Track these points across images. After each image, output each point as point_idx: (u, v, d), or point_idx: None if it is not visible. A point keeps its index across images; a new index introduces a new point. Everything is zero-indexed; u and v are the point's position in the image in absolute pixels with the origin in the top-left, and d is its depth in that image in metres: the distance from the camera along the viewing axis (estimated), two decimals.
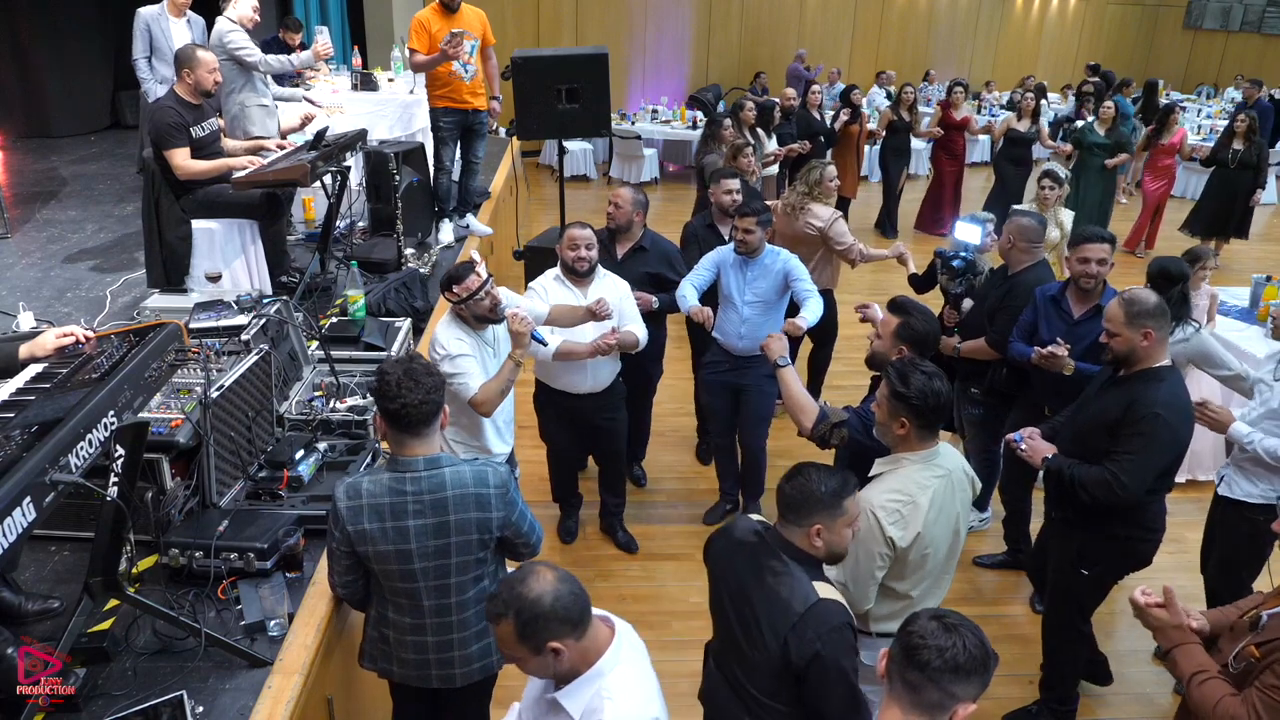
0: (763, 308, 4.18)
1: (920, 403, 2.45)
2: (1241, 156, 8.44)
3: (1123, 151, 8.61)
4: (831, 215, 5.09)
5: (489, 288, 3.23)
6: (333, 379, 3.41)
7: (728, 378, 4.34)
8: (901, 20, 15.54)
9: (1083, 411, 3.16)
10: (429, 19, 5.33)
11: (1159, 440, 2.86)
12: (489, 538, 2.38)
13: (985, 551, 4.51)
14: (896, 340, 3.00)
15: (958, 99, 9.30)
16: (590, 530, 4.60)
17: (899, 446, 2.55)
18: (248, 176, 4.22)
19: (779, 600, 2.13)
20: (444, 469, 2.31)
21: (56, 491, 1.74)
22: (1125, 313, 2.90)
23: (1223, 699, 2.00)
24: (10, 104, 8.05)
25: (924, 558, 2.50)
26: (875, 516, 2.43)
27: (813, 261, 5.12)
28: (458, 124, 5.57)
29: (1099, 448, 2.96)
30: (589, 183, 12.02)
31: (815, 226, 5.05)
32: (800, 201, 5.14)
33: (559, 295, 3.89)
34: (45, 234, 5.64)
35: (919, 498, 2.45)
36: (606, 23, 13.47)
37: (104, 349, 2.23)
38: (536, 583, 1.76)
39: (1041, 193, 5.58)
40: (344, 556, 2.36)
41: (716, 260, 4.25)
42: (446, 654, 2.44)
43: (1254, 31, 16.91)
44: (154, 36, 5.69)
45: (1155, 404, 2.85)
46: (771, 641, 2.13)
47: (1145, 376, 2.93)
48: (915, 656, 1.64)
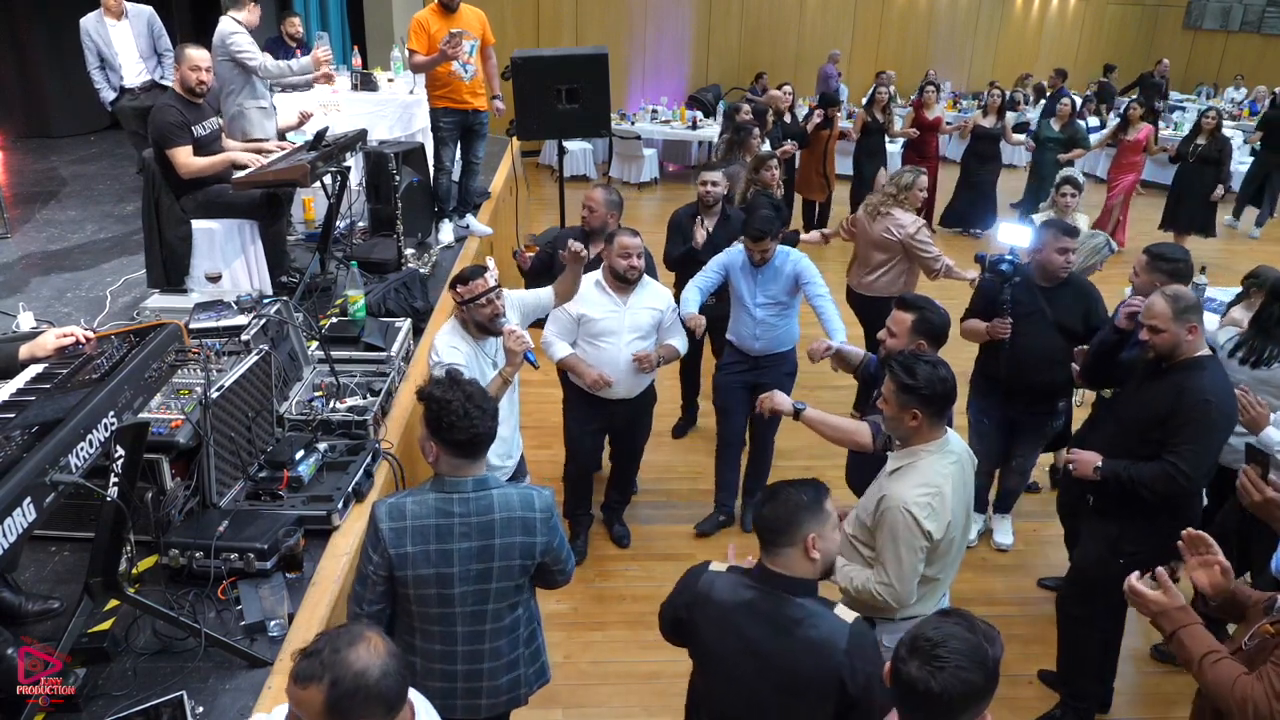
0: (776, 309, 4.21)
1: (930, 391, 2.49)
2: (1202, 151, 8.56)
3: (1077, 147, 8.86)
4: (915, 223, 5.07)
5: (494, 296, 3.20)
6: (333, 379, 3.41)
7: (746, 377, 4.35)
8: (901, 20, 15.53)
9: (1126, 406, 3.18)
10: (428, 19, 5.33)
11: (1215, 427, 2.91)
12: (530, 564, 2.33)
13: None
14: (914, 335, 3.07)
15: (929, 99, 9.26)
16: (591, 530, 4.58)
17: (913, 439, 2.58)
18: (248, 176, 4.23)
19: (817, 644, 2.02)
20: (492, 491, 2.27)
21: (56, 492, 1.74)
22: (1173, 309, 2.92)
23: (1239, 678, 1.99)
24: (10, 104, 8.05)
25: (950, 542, 2.57)
26: (911, 513, 2.45)
27: (888, 267, 5.18)
28: (457, 124, 5.57)
29: (1150, 440, 2.99)
30: (589, 183, 12.02)
31: (896, 233, 5.04)
32: (885, 205, 5.11)
33: (598, 301, 3.88)
34: (45, 234, 5.64)
35: (944, 487, 2.51)
36: (606, 23, 13.47)
37: (104, 349, 2.23)
38: (365, 652, 1.47)
39: (1062, 199, 5.55)
40: (380, 582, 2.25)
41: (725, 263, 4.26)
42: (475, 683, 2.38)
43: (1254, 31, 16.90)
44: (97, 44, 5.63)
45: (1205, 391, 2.89)
46: (818, 689, 2.03)
47: (1188, 366, 2.96)
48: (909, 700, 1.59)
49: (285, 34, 8.07)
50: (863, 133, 9.19)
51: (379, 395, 3.40)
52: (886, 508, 2.49)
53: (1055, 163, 8.73)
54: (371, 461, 3.08)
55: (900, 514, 2.45)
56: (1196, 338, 2.96)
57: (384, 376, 3.56)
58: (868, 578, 2.55)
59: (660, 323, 4.01)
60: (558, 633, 3.77)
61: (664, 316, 4.01)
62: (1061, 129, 8.95)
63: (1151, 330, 2.98)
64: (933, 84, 9.46)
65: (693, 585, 2.19)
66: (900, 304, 3.16)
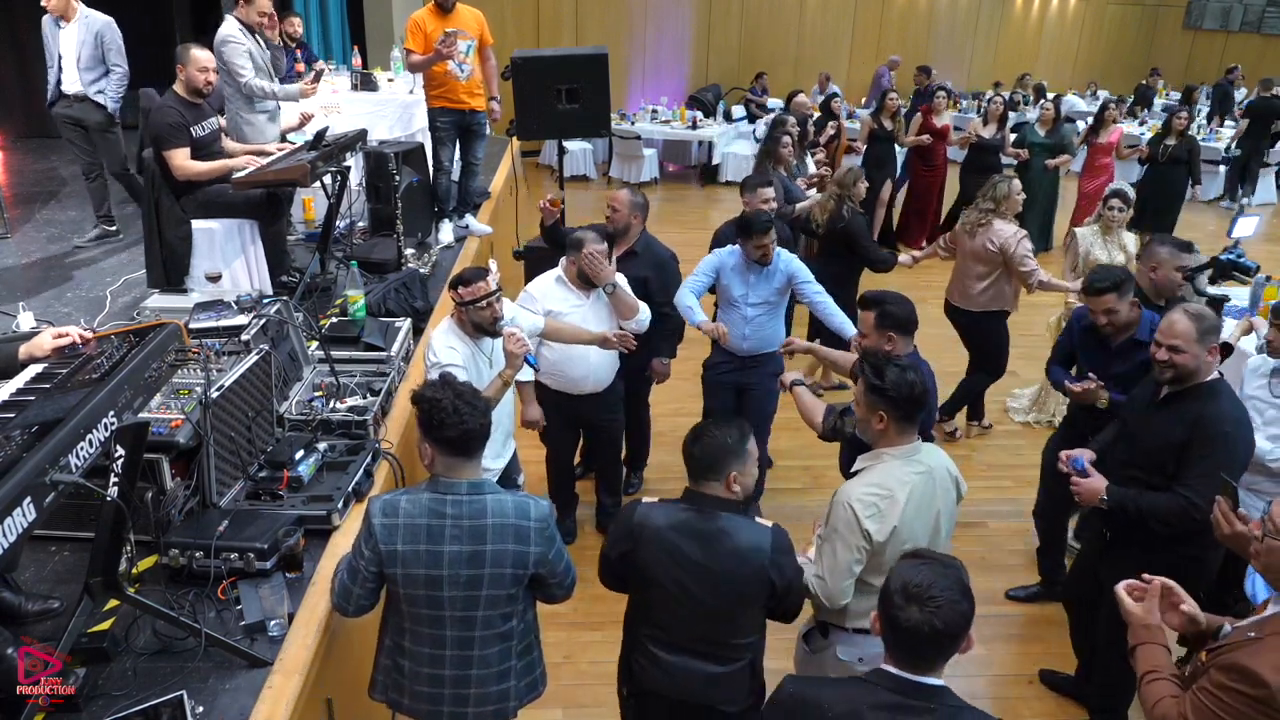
0: (767, 309, 4.21)
1: (896, 394, 2.49)
2: (1172, 152, 8.57)
3: (1063, 152, 8.82)
4: (1016, 234, 4.99)
5: (494, 300, 3.19)
6: (333, 379, 3.41)
7: (733, 378, 4.35)
8: (901, 20, 15.54)
9: (1138, 434, 3.01)
10: (424, 19, 5.34)
11: (1234, 458, 2.75)
12: (523, 573, 2.32)
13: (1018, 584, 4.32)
14: (881, 330, 3.10)
15: (940, 105, 8.90)
16: (588, 530, 4.62)
17: (879, 442, 2.59)
18: (248, 176, 4.22)
19: (744, 549, 2.36)
20: (486, 495, 2.27)
21: (56, 492, 1.73)
22: (1197, 329, 2.76)
23: (1161, 699, 2.01)
24: (10, 104, 8.06)
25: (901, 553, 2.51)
26: (852, 509, 2.46)
27: (989, 280, 5.12)
28: (455, 124, 5.57)
29: (1164, 469, 2.85)
30: (589, 183, 12.02)
31: (996, 244, 4.99)
32: (983, 218, 5.07)
33: (560, 298, 3.88)
34: (45, 234, 5.65)
35: (898, 493, 2.48)
36: (606, 23, 13.47)
37: (104, 349, 2.23)
38: None
39: (1109, 214, 5.39)
40: (370, 578, 2.29)
41: (715, 264, 4.24)
42: (463, 690, 2.37)
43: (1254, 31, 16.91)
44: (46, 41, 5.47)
45: (1223, 421, 2.76)
46: (751, 589, 2.37)
47: (1200, 393, 2.82)
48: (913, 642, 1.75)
49: (285, 34, 8.07)
50: (870, 140, 8.82)
51: (379, 395, 3.40)
52: (834, 502, 2.54)
53: (1043, 168, 8.76)
54: (371, 461, 3.08)
55: (843, 508, 2.47)
56: (1215, 360, 2.82)
57: (384, 376, 3.56)
58: (810, 570, 2.59)
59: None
60: (558, 633, 3.77)
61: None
62: (1047, 134, 8.83)
63: (1172, 350, 2.80)
64: (944, 89, 9.17)
65: (629, 522, 2.47)
66: (861, 303, 3.20)
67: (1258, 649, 1.89)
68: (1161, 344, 2.82)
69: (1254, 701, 1.83)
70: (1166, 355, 2.81)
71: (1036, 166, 8.77)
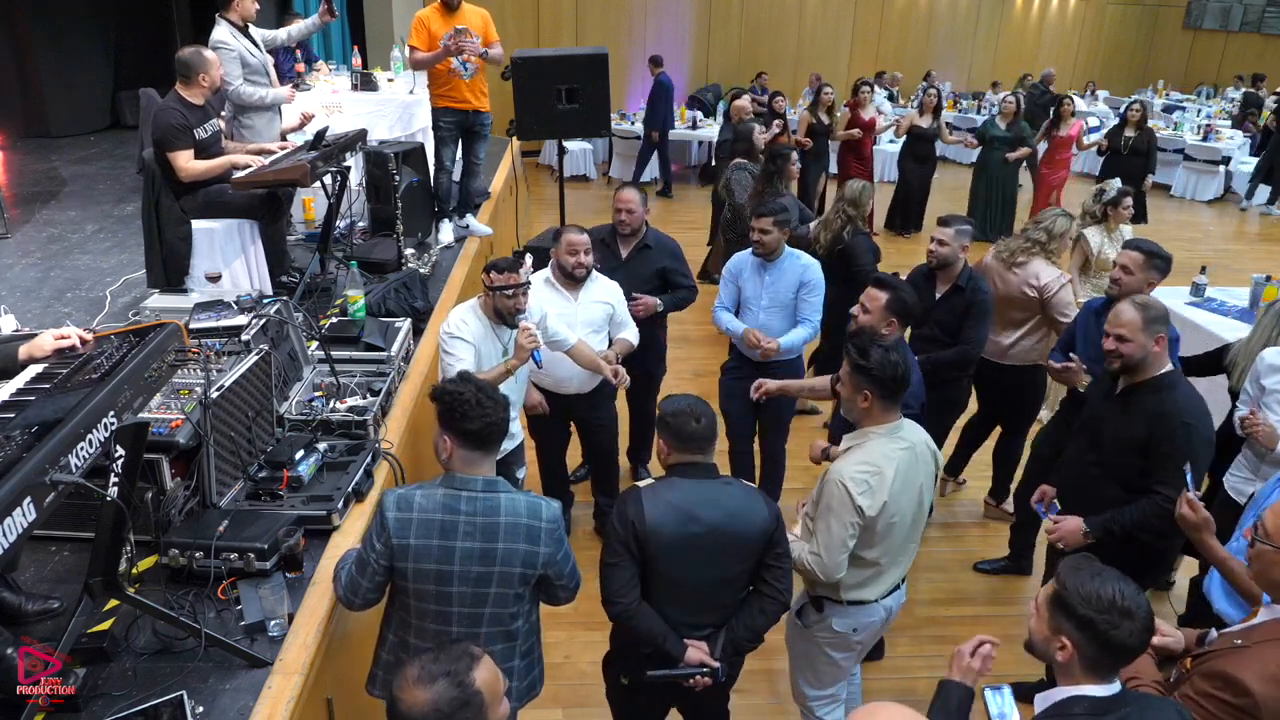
0: (779, 311, 4.20)
1: (880, 373, 2.56)
2: (1134, 143, 8.90)
3: (1023, 145, 9.25)
4: (1060, 278, 4.20)
5: (520, 292, 3.28)
6: (333, 379, 3.41)
7: (749, 382, 4.35)
8: (901, 20, 15.54)
9: (1097, 426, 3.03)
10: (430, 17, 5.35)
11: (1197, 452, 2.77)
12: (532, 573, 2.32)
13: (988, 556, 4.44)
14: (887, 314, 3.18)
15: (864, 98, 9.02)
16: (585, 530, 4.62)
17: (864, 420, 2.67)
18: (248, 176, 4.23)
19: (748, 503, 2.47)
20: (500, 494, 2.28)
21: (56, 492, 1.74)
22: (1143, 317, 2.78)
23: None
24: (10, 104, 8.05)
25: (890, 526, 2.63)
26: (845, 487, 2.54)
27: (1025, 328, 4.29)
28: (458, 124, 5.57)
29: (1128, 465, 2.88)
30: (589, 183, 12.02)
31: (1034, 287, 4.19)
32: (1021, 254, 4.27)
33: (548, 298, 3.88)
34: (45, 234, 5.64)
35: (885, 468, 2.56)
36: (606, 23, 13.48)
37: (104, 349, 2.23)
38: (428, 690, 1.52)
39: (1125, 211, 5.36)
40: (380, 572, 2.28)
41: (734, 269, 4.29)
42: None
43: (1254, 31, 16.91)
44: None
45: (1182, 414, 2.77)
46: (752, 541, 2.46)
47: (1156, 386, 2.84)
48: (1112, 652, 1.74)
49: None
50: (808, 135, 8.97)
51: (379, 395, 3.40)
52: (826, 480, 2.62)
53: (1003, 161, 9.24)
54: (371, 461, 3.08)
55: (836, 486, 2.56)
56: (1163, 350, 2.83)
57: (384, 376, 3.56)
58: (804, 548, 2.67)
59: (612, 316, 3.98)
60: (558, 632, 3.77)
61: (615, 310, 3.98)
62: (1008, 128, 9.29)
63: (1119, 339, 2.83)
64: (868, 83, 9.30)
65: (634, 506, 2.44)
66: (876, 283, 3.26)
67: (1243, 657, 1.89)
68: (1109, 333, 2.88)
69: (1237, 710, 1.83)
70: (1114, 345, 2.85)
71: (996, 159, 9.29)
